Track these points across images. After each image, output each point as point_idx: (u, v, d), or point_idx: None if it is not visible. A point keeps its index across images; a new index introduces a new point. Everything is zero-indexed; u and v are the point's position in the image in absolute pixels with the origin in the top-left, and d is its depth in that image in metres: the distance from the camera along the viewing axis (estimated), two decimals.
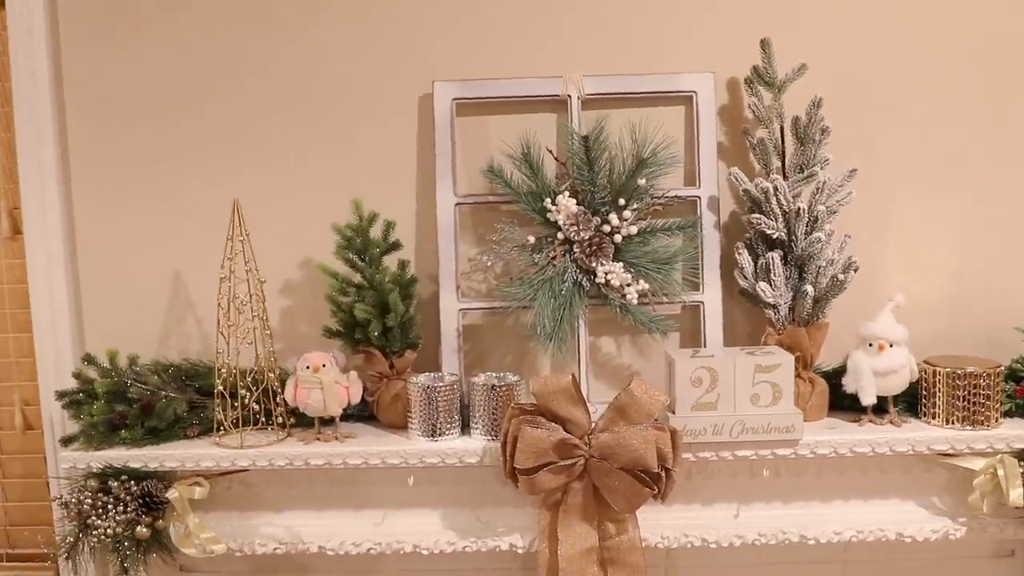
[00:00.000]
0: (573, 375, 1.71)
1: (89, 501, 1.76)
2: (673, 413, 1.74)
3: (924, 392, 1.81)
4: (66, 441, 1.84)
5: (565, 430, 1.69)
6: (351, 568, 1.94)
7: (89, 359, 1.87)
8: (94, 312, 2.03)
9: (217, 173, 1.98)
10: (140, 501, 1.78)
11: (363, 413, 1.92)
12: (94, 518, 1.75)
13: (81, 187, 2.01)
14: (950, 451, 1.76)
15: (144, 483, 1.78)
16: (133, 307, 2.01)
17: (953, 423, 1.77)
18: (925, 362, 1.81)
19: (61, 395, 1.87)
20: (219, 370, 1.80)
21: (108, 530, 1.75)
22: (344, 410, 1.83)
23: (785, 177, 1.82)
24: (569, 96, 1.88)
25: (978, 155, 1.94)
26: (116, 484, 1.77)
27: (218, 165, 1.98)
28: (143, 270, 2.01)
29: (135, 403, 1.82)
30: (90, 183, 2.00)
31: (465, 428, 1.84)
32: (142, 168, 1.99)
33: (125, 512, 1.76)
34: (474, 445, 1.79)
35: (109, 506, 1.76)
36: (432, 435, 1.79)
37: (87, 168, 2.00)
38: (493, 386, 1.79)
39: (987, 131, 1.94)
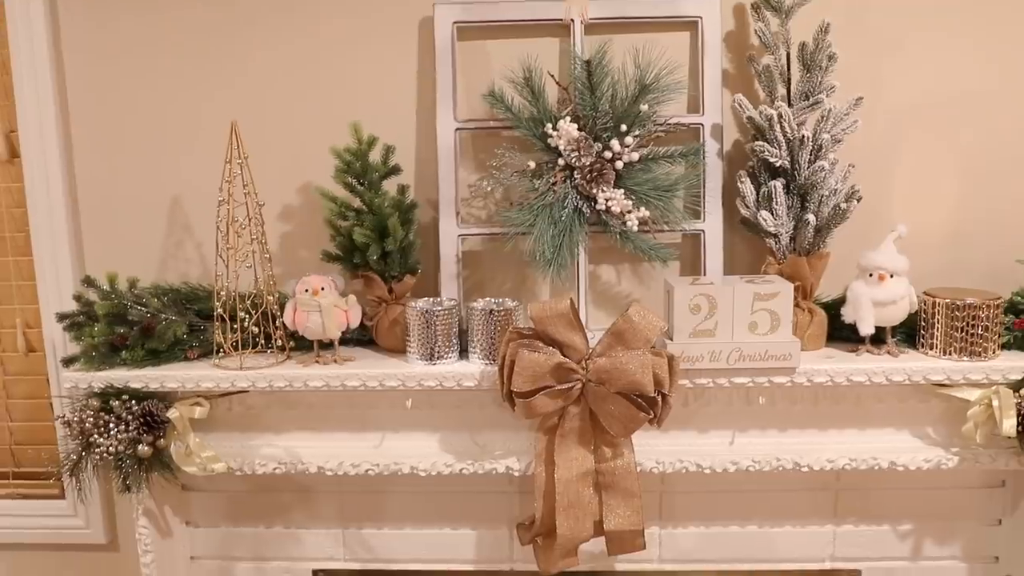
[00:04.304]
0: (571, 299, 1.71)
1: (91, 420, 1.78)
2: (671, 340, 1.75)
3: (923, 323, 1.81)
4: (67, 362, 1.85)
5: (563, 355, 1.70)
6: (350, 488, 1.97)
7: (89, 281, 1.87)
8: (93, 235, 2.04)
9: (215, 96, 1.96)
10: (141, 420, 1.80)
11: (363, 337, 1.93)
12: (96, 436, 1.77)
13: (79, 110, 1.99)
14: (946, 382, 1.77)
15: (145, 403, 1.80)
16: (132, 230, 2.02)
17: (951, 354, 1.77)
18: (925, 293, 1.81)
19: (62, 317, 1.88)
20: (218, 293, 1.81)
21: (110, 448, 1.77)
22: (343, 334, 1.84)
23: (790, 104, 1.79)
24: (572, 20, 1.85)
25: (985, 87, 1.91)
26: (117, 403, 1.79)
27: (216, 88, 1.96)
28: (142, 193, 2.00)
29: (135, 325, 1.83)
30: (88, 106, 1.99)
31: (463, 353, 1.84)
32: (140, 91, 1.97)
33: (127, 431, 1.78)
34: (472, 369, 1.80)
35: (111, 425, 1.78)
36: (430, 359, 1.80)
37: (84, 92, 1.98)
38: (491, 311, 1.79)
39: (995, 63, 1.90)
